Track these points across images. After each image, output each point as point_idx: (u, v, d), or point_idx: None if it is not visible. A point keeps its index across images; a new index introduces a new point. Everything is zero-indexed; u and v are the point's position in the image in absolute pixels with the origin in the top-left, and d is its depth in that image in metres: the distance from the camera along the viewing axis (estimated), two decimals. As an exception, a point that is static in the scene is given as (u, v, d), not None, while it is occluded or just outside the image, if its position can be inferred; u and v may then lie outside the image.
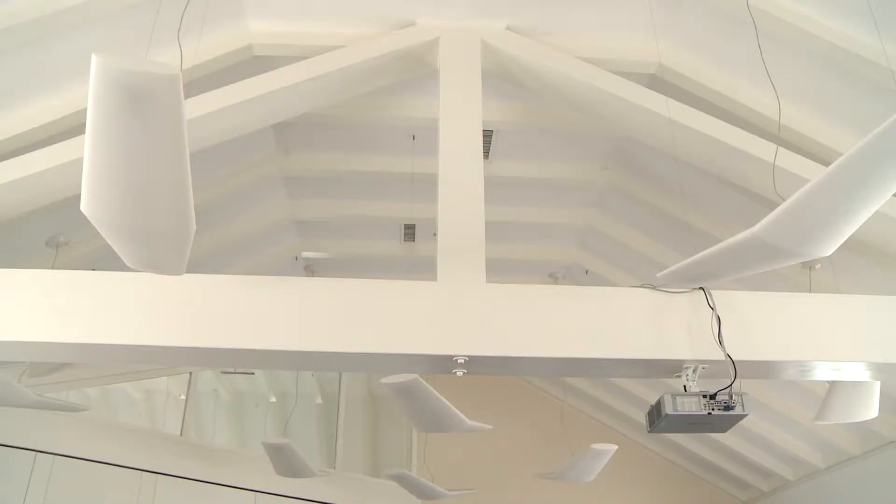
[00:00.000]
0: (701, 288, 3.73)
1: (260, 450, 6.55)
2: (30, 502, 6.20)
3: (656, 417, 3.53)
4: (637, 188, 6.10)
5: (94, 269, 3.74)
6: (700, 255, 3.20)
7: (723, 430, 3.78)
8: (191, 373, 7.90)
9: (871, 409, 4.87)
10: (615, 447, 6.35)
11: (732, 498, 9.93)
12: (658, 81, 4.87)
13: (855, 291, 5.25)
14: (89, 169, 2.33)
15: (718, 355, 3.56)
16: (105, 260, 3.61)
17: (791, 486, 8.65)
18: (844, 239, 2.89)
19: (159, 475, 7.08)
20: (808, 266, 5.39)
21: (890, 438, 6.81)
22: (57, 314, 3.54)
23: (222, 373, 8.78)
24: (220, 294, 3.67)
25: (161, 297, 3.61)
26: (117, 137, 2.23)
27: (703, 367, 3.64)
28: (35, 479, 6.26)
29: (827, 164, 2.60)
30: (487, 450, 9.38)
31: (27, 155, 4.03)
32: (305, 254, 7.34)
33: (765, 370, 3.85)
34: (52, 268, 4.33)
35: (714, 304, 3.68)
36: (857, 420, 5.01)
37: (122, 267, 3.29)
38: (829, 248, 2.94)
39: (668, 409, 3.40)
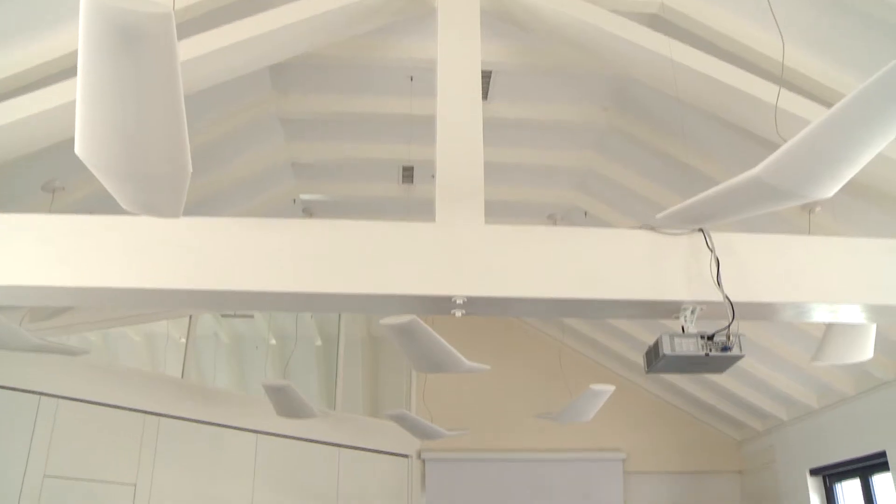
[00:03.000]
0: (700, 229, 3.73)
1: (261, 392, 6.62)
2: (36, 445, 6.30)
3: (654, 358, 3.56)
4: (637, 130, 6.04)
5: (91, 214, 3.73)
6: (700, 195, 3.20)
7: (720, 370, 3.82)
8: (190, 316, 7.95)
9: (866, 351, 4.92)
10: (613, 388, 6.42)
11: (727, 437, 10.08)
12: (660, 21, 4.78)
13: (854, 234, 5.24)
14: (82, 111, 2.30)
15: (717, 296, 3.58)
16: (102, 204, 3.58)
17: (785, 426, 8.77)
18: (846, 181, 2.88)
19: (161, 417, 7.18)
20: (808, 209, 5.38)
21: (883, 379, 6.87)
22: (55, 258, 3.54)
23: (222, 316, 8.83)
24: (219, 236, 3.67)
25: (159, 240, 3.60)
26: (109, 78, 2.20)
27: (702, 309, 3.65)
28: (40, 422, 6.35)
29: (831, 106, 2.57)
30: (486, 390, 9.49)
31: (19, 98, 3.98)
32: (303, 196, 7.31)
33: (763, 312, 3.87)
34: (49, 213, 4.31)
35: (713, 245, 3.68)
36: (853, 361, 5.06)
37: (119, 211, 3.28)
38: (830, 190, 2.93)
39: (666, 349, 3.43)
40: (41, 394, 6.42)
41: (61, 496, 6.34)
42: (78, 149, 2.42)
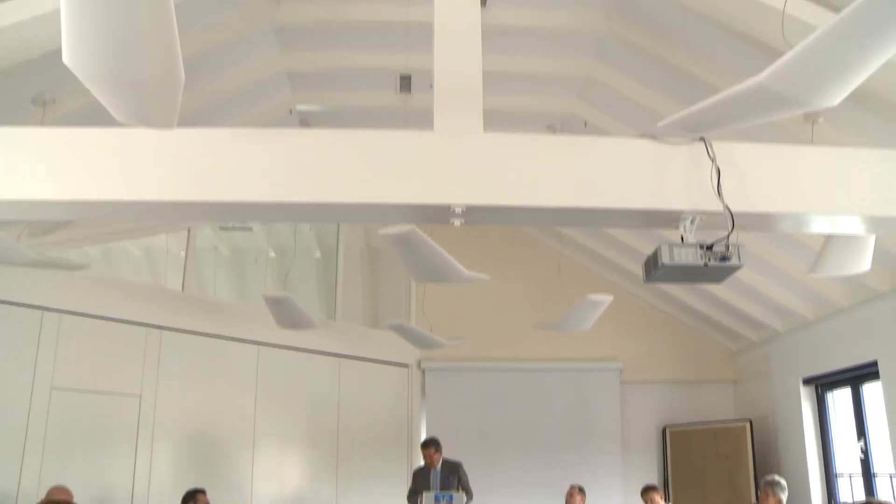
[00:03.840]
0: (701, 139, 3.68)
1: (261, 304, 6.67)
2: (41, 358, 6.38)
3: (653, 267, 3.57)
4: (639, 37, 5.90)
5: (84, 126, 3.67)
6: (703, 103, 3.14)
7: (718, 280, 3.84)
8: (189, 229, 7.94)
9: (864, 263, 4.93)
10: (611, 297, 6.46)
11: (723, 347, 10.22)
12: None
13: (858, 145, 5.19)
14: (68, 17, 2.23)
15: (717, 206, 3.56)
16: (95, 117, 3.52)
17: (781, 337, 8.88)
18: (851, 89, 2.82)
19: (163, 329, 7.26)
20: (811, 119, 5.30)
21: (878, 291, 6.92)
22: (50, 172, 3.50)
23: (220, 229, 8.82)
24: (215, 148, 3.63)
25: (154, 151, 3.56)
26: (96, -21, 2.13)
27: (701, 219, 3.64)
28: (44, 336, 6.43)
29: (840, 12, 2.50)
30: (485, 300, 9.56)
31: (5, 3, 3.87)
32: (300, 107, 7.19)
33: (762, 222, 3.86)
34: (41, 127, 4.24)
35: (714, 154, 3.64)
36: (850, 273, 5.08)
37: (113, 123, 3.23)
38: (836, 98, 2.88)
39: (665, 259, 3.43)
40: (44, 308, 6.47)
41: (69, 408, 6.46)
42: (66, 57, 2.37)
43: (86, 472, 6.47)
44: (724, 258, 3.49)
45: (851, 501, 7.55)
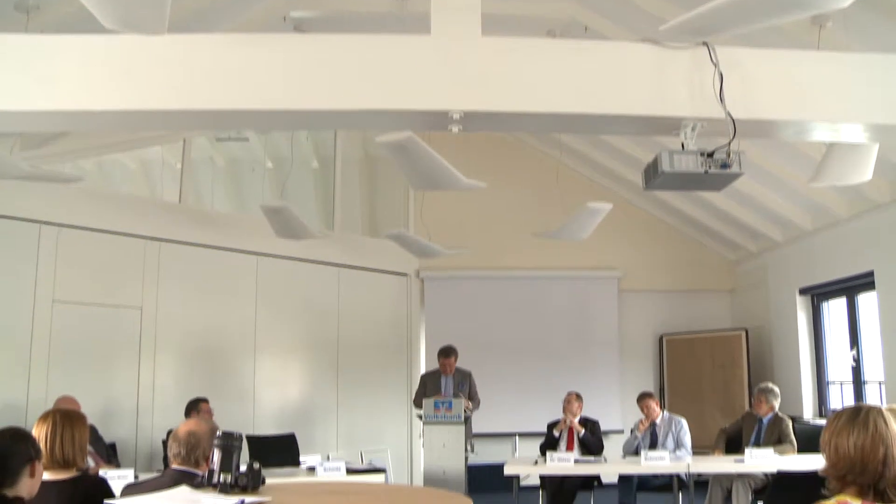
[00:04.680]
0: (704, 43, 3.59)
1: (259, 214, 6.64)
2: (41, 272, 6.39)
3: (652, 175, 3.53)
4: (642, -62, 5.72)
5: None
6: (709, 4, 3.05)
7: (717, 188, 3.81)
8: (184, 140, 7.84)
9: (865, 172, 4.88)
10: (610, 206, 6.43)
11: (721, 257, 10.26)
12: None
13: (866, 51, 5.07)
14: None
15: (719, 113, 3.50)
16: (83, 24, 3.42)
17: (779, 247, 8.90)
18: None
19: (162, 241, 7.25)
20: (819, 23, 5.16)
21: (878, 201, 6.90)
22: (38, 81, 3.42)
23: (216, 140, 8.71)
24: (208, 54, 3.54)
25: (145, 59, 3.47)
26: None
27: (702, 125, 3.59)
28: (43, 250, 6.42)
29: None
30: (483, 209, 9.53)
31: None
32: (294, 13, 6.99)
33: (764, 129, 3.81)
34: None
35: (717, 60, 3.56)
36: (851, 183, 5.04)
37: (101, 30, 3.14)
38: (846, -2, 2.79)
39: (665, 166, 3.40)
40: (41, 222, 6.44)
41: (71, 321, 6.51)
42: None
43: (91, 383, 6.56)
44: (724, 165, 3.45)
45: (842, 407, 7.70)
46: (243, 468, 2.52)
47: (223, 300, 7.65)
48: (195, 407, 6.26)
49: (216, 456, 2.46)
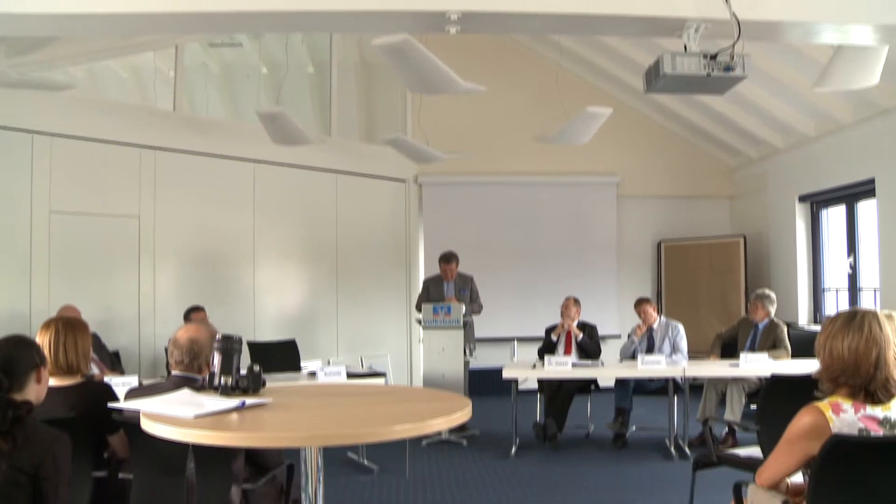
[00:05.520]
0: (711, -61, 3.47)
1: (256, 121, 6.56)
2: (37, 182, 6.35)
3: (654, 77, 3.46)
4: None
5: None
6: None
7: (720, 92, 3.74)
8: (176, 46, 7.66)
9: (873, 76, 4.78)
10: (610, 110, 6.35)
11: (721, 163, 10.20)
12: None
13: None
14: None
15: (723, 13, 3.40)
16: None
17: (780, 154, 8.83)
18: None
19: (157, 150, 7.17)
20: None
21: (884, 107, 6.79)
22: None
23: (209, 45, 8.53)
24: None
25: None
26: None
27: (706, 27, 3.49)
28: (37, 160, 6.35)
29: None
30: (482, 113, 9.42)
31: None
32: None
33: (770, 31, 3.72)
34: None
35: (723, -44, 3.44)
36: (858, 87, 4.94)
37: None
38: None
39: (667, 68, 3.33)
40: (34, 132, 6.35)
41: (69, 231, 6.51)
42: None
43: (92, 292, 6.60)
44: (727, 68, 3.38)
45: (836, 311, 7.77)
46: (244, 371, 2.55)
47: (221, 208, 7.63)
48: (189, 317, 6.32)
49: (216, 359, 2.49)
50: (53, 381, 3.03)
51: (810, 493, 2.28)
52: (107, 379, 4.31)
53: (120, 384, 4.27)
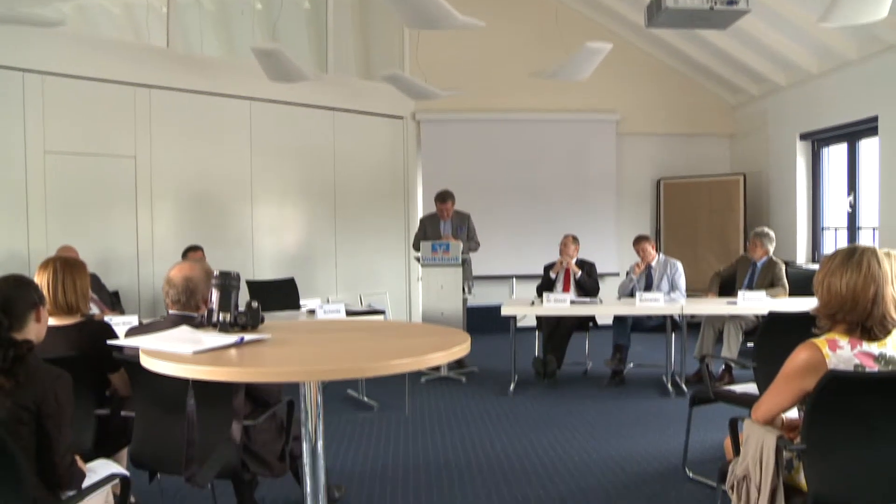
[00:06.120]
0: None
1: (251, 58, 6.47)
2: (30, 122, 6.28)
3: (655, 11, 3.41)
4: None
5: None
6: None
7: (723, 26, 3.69)
8: (169, -20, 7.51)
9: (880, 10, 4.69)
10: (610, 45, 6.26)
11: (721, 101, 10.10)
12: None
13: None
14: None
15: (728, -56, 3.33)
16: None
17: (781, 91, 8.74)
18: None
19: (152, 88, 7.08)
20: None
21: (890, 43, 6.68)
22: None
23: (203, -21, 8.36)
24: None
25: None
26: None
27: (710, -42, 3.42)
28: (29, 99, 6.27)
29: None
30: (480, 50, 9.29)
31: None
32: None
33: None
34: None
35: None
36: (865, 21, 4.85)
37: None
38: None
39: (669, 2, 3.27)
40: (24, 70, 6.25)
41: (65, 171, 6.47)
42: None
43: (90, 233, 6.60)
44: (730, 2, 3.33)
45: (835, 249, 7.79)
46: (242, 308, 2.55)
47: (217, 147, 7.57)
48: (187, 256, 6.33)
49: (214, 296, 2.48)
50: (53, 321, 3.04)
51: (805, 429, 2.31)
52: (107, 319, 4.33)
53: (120, 324, 4.29)
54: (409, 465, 4.45)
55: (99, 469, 2.52)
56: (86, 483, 2.27)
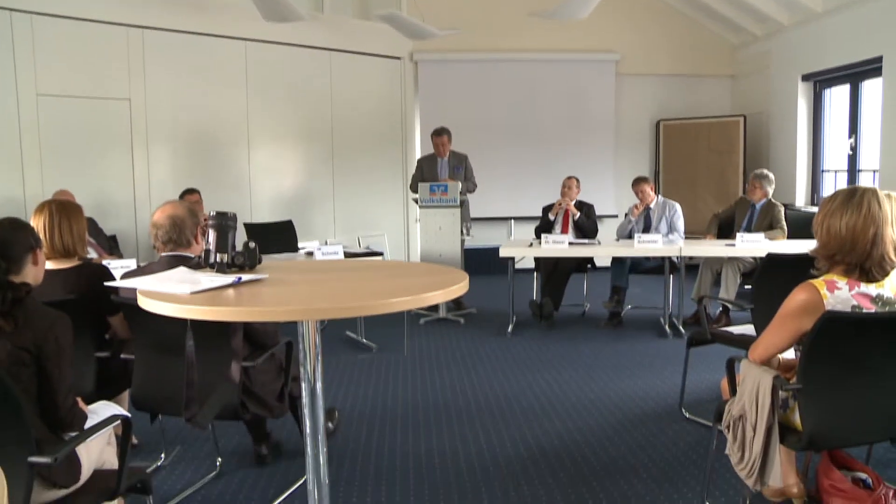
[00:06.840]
0: None
1: (245, -3, 6.35)
2: (20, 64, 6.16)
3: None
4: None
5: None
6: None
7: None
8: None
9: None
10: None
11: (723, 41, 9.96)
12: None
13: None
14: None
15: None
16: None
17: (784, 31, 8.61)
18: None
19: (145, 29, 6.95)
20: None
21: (899, -21, 6.58)
22: None
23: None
24: None
25: None
26: None
27: None
28: (18, 41, 6.14)
29: None
30: (478, -10, 9.18)
31: None
32: None
33: None
34: None
35: None
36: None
37: None
38: None
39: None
40: (10, 9, 6.11)
41: (58, 114, 6.38)
42: None
43: (86, 177, 6.55)
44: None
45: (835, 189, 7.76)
46: (239, 248, 2.53)
47: (213, 89, 7.48)
48: (184, 199, 6.30)
49: (211, 236, 2.47)
50: (50, 265, 3.03)
51: (801, 369, 2.32)
52: (105, 263, 4.33)
53: (118, 268, 4.29)
54: (408, 405, 4.49)
55: (100, 411, 2.53)
56: (87, 424, 2.28)
